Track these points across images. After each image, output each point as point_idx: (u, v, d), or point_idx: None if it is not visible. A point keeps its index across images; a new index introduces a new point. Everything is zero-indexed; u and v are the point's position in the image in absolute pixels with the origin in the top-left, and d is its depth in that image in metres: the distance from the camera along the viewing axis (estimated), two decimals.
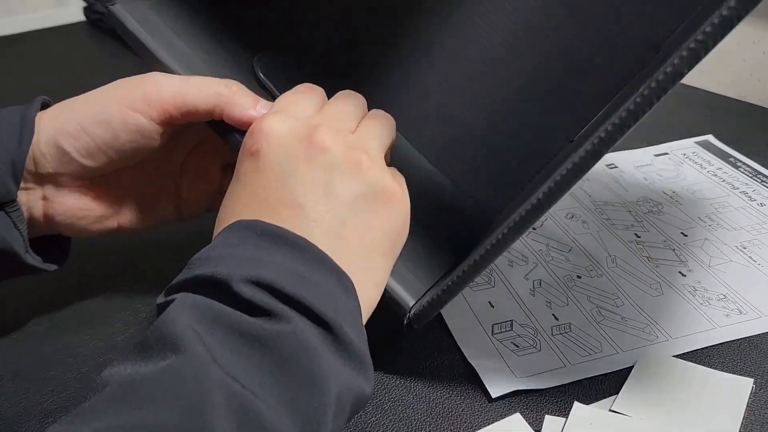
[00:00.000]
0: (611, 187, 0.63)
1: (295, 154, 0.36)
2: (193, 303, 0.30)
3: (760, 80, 0.82)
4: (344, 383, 0.32)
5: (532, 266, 0.53)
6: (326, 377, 0.30)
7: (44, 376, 0.43)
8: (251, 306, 0.31)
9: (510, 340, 0.46)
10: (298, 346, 0.30)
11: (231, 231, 0.35)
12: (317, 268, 0.33)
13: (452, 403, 0.41)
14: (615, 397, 0.41)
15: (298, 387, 0.30)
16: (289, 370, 0.30)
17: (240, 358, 0.29)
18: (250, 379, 0.28)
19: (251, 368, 0.29)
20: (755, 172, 0.64)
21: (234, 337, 0.29)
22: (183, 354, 0.28)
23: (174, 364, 0.28)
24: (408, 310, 0.40)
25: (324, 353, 0.31)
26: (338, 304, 0.33)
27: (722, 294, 0.49)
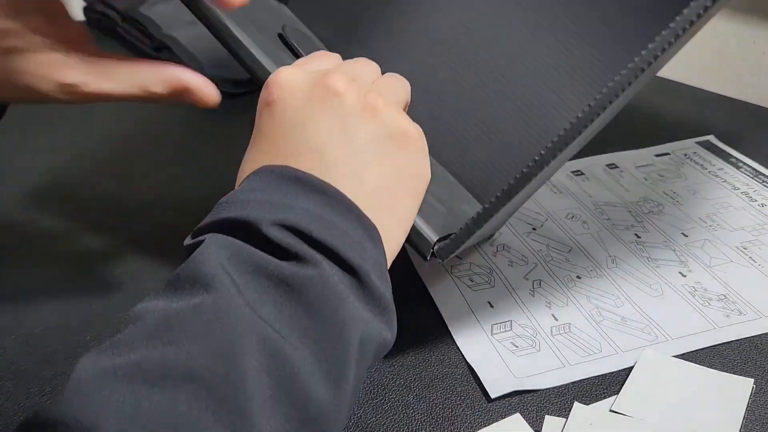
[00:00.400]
0: (612, 187, 0.63)
1: (310, 100, 0.36)
2: (224, 243, 0.31)
3: (760, 80, 0.82)
4: (367, 330, 0.32)
5: (531, 266, 0.53)
6: (351, 324, 0.31)
7: (45, 376, 0.43)
8: (280, 249, 0.31)
9: (509, 341, 0.46)
10: (325, 292, 0.30)
11: (256, 176, 0.35)
12: (343, 215, 0.33)
13: (452, 404, 0.41)
14: (615, 397, 0.41)
15: (324, 332, 0.30)
16: (316, 314, 0.30)
17: (269, 300, 0.29)
18: (279, 323, 0.29)
19: (280, 311, 0.29)
20: (756, 172, 0.64)
21: (263, 279, 0.30)
22: (215, 293, 0.28)
23: (206, 302, 0.28)
24: (432, 245, 0.40)
25: (350, 300, 0.31)
26: (365, 251, 0.33)
27: (722, 294, 0.49)
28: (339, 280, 0.31)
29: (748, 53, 0.82)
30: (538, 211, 0.59)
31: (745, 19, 0.81)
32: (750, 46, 0.82)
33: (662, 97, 0.80)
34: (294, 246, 0.31)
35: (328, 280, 0.31)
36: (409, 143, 0.38)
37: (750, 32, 0.81)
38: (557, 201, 0.61)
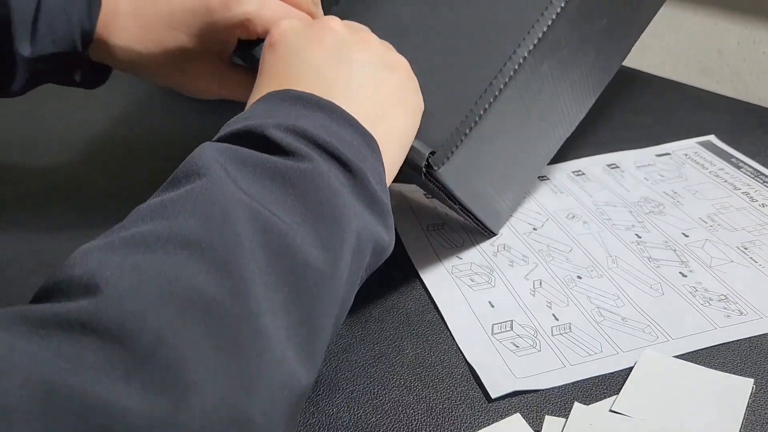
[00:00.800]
0: (612, 187, 0.63)
1: (308, 36, 0.40)
2: (220, 146, 0.33)
3: (761, 80, 0.82)
4: (364, 224, 0.34)
5: (532, 266, 0.53)
6: (345, 212, 0.33)
7: None
8: (279, 148, 0.33)
9: (510, 340, 0.46)
10: (320, 183, 0.32)
11: (260, 100, 0.37)
12: (343, 126, 0.36)
13: (452, 404, 0.41)
14: (615, 397, 0.41)
15: (318, 216, 0.32)
16: (310, 201, 0.32)
17: (263, 188, 0.31)
18: (273, 205, 0.31)
19: (274, 197, 0.31)
20: (757, 172, 0.64)
21: (258, 171, 0.32)
22: (207, 178, 0.30)
23: (197, 186, 0.30)
24: (426, 157, 0.42)
25: (345, 193, 0.33)
26: (363, 156, 0.35)
27: (723, 295, 0.49)
28: (334, 175, 0.33)
29: (749, 53, 0.82)
30: (539, 211, 0.59)
31: (746, 19, 0.81)
32: (751, 46, 0.82)
33: (663, 97, 0.80)
34: (293, 145, 0.33)
35: (324, 173, 0.33)
36: (400, 72, 0.41)
37: (751, 32, 0.81)
38: (558, 201, 0.61)
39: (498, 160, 0.47)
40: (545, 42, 0.40)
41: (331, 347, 0.46)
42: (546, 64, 0.42)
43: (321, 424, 0.40)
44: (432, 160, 0.42)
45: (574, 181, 0.64)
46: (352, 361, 0.45)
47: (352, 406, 0.41)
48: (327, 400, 0.42)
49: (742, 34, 0.82)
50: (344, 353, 0.45)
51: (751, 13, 0.80)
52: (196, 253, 0.27)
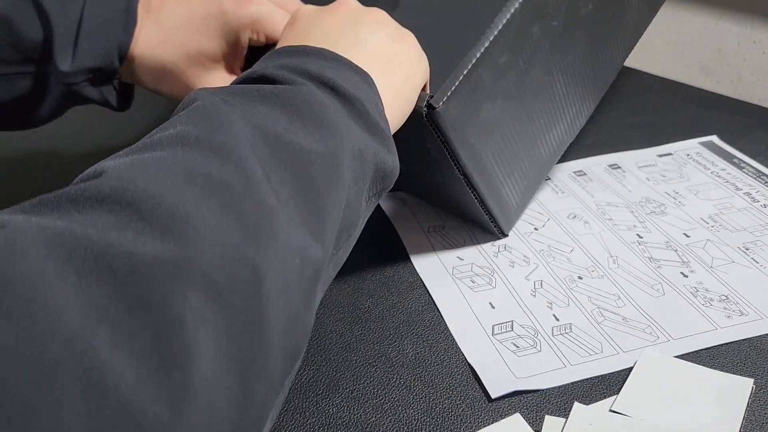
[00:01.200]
0: (614, 187, 0.63)
1: (323, 12, 0.43)
2: (216, 87, 0.35)
3: (761, 80, 0.82)
4: (363, 144, 0.36)
5: (533, 267, 0.53)
6: (342, 127, 0.35)
7: None
8: (275, 81, 0.35)
9: (510, 341, 0.46)
10: (314, 101, 0.34)
11: (265, 56, 0.40)
12: (343, 68, 0.38)
13: (452, 403, 0.41)
14: (615, 397, 0.41)
15: (317, 125, 0.34)
16: (307, 114, 0.34)
17: (260, 106, 0.33)
18: (269, 119, 0.32)
19: (270, 113, 0.33)
20: (759, 173, 0.64)
21: (254, 95, 0.34)
22: (203, 101, 0.32)
23: (193, 107, 0.32)
24: (426, 99, 0.44)
25: (342, 114, 0.35)
26: (359, 87, 0.37)
27: (724, 295, 0.49)
28: (326, 98, 0.35)
29: (750, 53, 0.82)
30: (540, 211, 0.59)
31: (746, 20, 0.81)
32: (751, 47, 0.82)
33: (664, 98, 0.80)
34: (286, 76, 0.35)
35: (318, 95, 0.35)
36: (406, 43, 0.43)
37: (751, 32, 0.81)
38: (559, 201, 0.61)
39: (499, 131, 0.49)
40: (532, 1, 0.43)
41: (331, 346, 0.46)
42: (537, 27, 0.44)
43: (321, 423, 0.40)
44: (432, 100, 0.44)
45: (576, 181, 0.64)
46: (353, 360, 0.45)
47: (353, 405, 0.41)
48: (327, 400, 0.42)
49: (743, 34, 0.82)
50: (345, 352, 0.45)
51: (751, 13, 0.80)
52: (194, 146, 0.29)
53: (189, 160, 0.28)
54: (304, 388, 0.43)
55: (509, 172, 0.52)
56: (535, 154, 0.53)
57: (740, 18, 0.81)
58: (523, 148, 0.52)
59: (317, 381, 0.43)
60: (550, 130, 0.52)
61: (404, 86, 0.42)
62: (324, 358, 0.45)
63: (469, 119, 0.46)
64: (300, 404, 0.41)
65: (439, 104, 0.43)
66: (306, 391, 0.42)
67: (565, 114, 0.51)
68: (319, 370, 0.44)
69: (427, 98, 0.44)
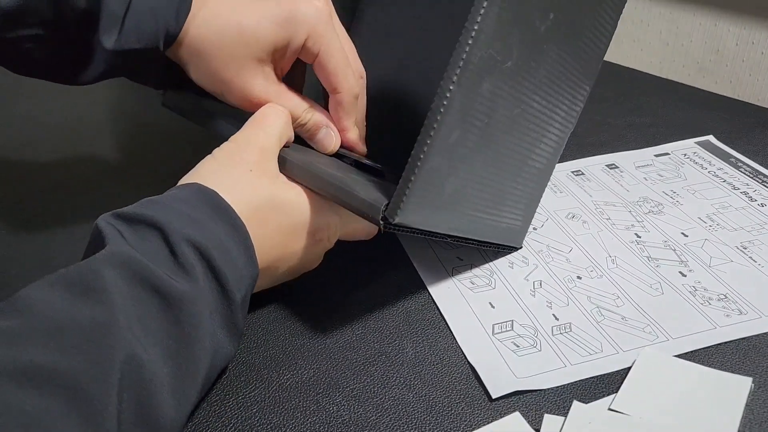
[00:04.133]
0: (612, 187, 0.63)
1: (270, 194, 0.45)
2: (124, 260, 0.35)
3: (759, 80, 0.82)
4: (219, 347, 0.39)
5: (532, 267, 0.53)
6: (210, 349, 0.38)
7: None
8: (178, 261, 0.37)
9: (510, 340, 0.46)
10: (195, 313, 0.37)
11: (186, 188, 0.42)
12: (242, 250, 0.41)
13: (452, 403, 0.41)
14: (614, 396, 0.41)
15: (185, 352, 0.36)
16: (182, 331, 0.36)
17: (145, 314, 0.35)
18: (148, 338, 0.34)
19: (152, 326, 0.35)
20: (756, 172, 0.64)
21: (148, 292, 0.35)
22: (102, 308, 0.33)
23: (94, 318, 0.32)
24: (382, 209, 0.41)
25: (214, 328, 0.38)
26: (245, 283, 0.41)
27: (723, 294, 0.49)
28: (212, 303, 0.38)
29: (747, 53, 0.82)
30: (539, 211, 0.59)
31: (744, 20, 0.81)
32: (749, 47, 0.82)
33: (662, 97, 0.80)
34: (189, 262, 0.37)
35: (202, 300, 0.37)
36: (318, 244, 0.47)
37: (749, 33, 0.81)
38: (557, 201, 0.61)
39: (472, 188, 0.46)
40: (471, 66, 0.38)
41: (331, 345, 0.46)
42: (486, 84, 0.40)
43: (321, 422, 0.40)
44: (387, 213, 0.40)
45: (574, 181, 0.64)
46: (353, 359, 0.45)
47: (353, 404, 0.41)
48: (327, 398, 0.42)
49: (740, 34, 0.82)
50: (345, 351, 0.45)
51: (749, 13, 0.80)
52: (74, 401, 0.30)
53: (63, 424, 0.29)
54: (305, 386, 0.43)
55: (501, 207, 0.50)
56: (527, 172, 0.51)
57: (738, 18, 0.81)
58: (509, 178, 0.49)
59: (317, 380, 0.43)
60: (539, 144, 0.49)
61: (283, 276, 0.47)
62: (324, 356, 0.45)
63: (433, 204, 0.43)
64: (300, 403, 0.42)
65: (394, 218, 0.40)
66: (306, 389, 0.42)
67: (554, 120, 0.49)
68: (319, 368, 0.44)
69: (382, 211, 0.40)
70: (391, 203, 0.40)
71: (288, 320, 0.48)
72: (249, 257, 0.41)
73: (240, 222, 0.41)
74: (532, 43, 0.43)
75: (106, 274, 0.34)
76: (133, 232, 0.38)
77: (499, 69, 0.41)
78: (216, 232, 0.39)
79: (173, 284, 0.36)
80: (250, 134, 0.46)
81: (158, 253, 0.37)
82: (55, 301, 0.32)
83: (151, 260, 0.36)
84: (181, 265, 0.37)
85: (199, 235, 0.38)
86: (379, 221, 0.40)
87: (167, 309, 0.35)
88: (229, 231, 0.40)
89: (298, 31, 0.47)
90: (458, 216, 0.46)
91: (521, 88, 0.44)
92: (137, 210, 0.39)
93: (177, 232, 0.38)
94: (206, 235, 0.39)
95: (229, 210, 0.41)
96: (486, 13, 0.37)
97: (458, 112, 0.39)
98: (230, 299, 0.39)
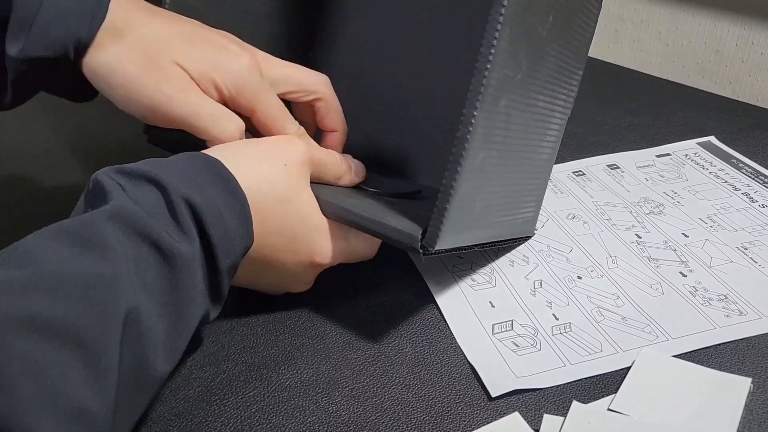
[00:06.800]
0: (613, 187, 0.63)
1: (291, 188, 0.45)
2: (127, 213, 0.35)
3: (759, 81, 0.82)
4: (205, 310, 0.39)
5: (533, 266, 0.53)
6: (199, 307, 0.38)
7: None
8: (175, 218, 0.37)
9: (510, 340, 0.46)
10: (191, 274, 0.37)
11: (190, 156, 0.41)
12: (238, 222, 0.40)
13: (451, 402, 0.41)
14: (613, 396, 0.41)
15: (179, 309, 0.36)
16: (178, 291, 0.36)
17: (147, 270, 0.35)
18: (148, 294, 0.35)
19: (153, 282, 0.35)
20: (756, 173, 0.64)
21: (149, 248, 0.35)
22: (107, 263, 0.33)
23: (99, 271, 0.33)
24: (419, 238, 0.41)
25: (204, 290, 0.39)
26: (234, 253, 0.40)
27: (723, 295, 0.49)
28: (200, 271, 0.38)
29: (747, 54, 0.82)
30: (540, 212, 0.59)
31: (744, 21, 0.81)
32: (749, 47, 0.82)
33: (663, 98, 0.80)
34: (187, 223, 0.37)
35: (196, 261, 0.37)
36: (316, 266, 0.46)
37: (749, 33, 0.81)
38: (558, 201, 0.61)
39: (498, 195, 0.47)
40: (490, 89, 0.39)
41: (330, 345, 0.46)
42: (503, 101, 0.41)
43: (321, 421, 0.40)
44: (425, 243, 0.41)
45: (575, 181, 0.64)
46: (352, 359, 0.45)
47: (352, 404, 0.41)
48: (327, 398, 0.42)
49: (740, 35, 0.82)
50: (344, 351, 0.45)
51: (749, 14, 0.80)
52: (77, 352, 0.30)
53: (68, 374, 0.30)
54: (304, 386, 0.43)
55: (519, 205, 0.51)
56: (537, 165, 0.52)
57: (738, 19, 0.81)
58: (524, 177, 0.50)
59: (317, 379, 0.43)
60: (545, 137, 0.50)
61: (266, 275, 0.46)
62: (324, 356, 0.45)
63: (465, 225, 0.44)
64: (300, 402, 0.42)
65: (434, 247, 0.41)
66: (306, 389, 0.42)
67: (556, 111, 0.50)
68: (318, 368, 0.44)
69: (420, 240, 0.41)
70: (428, 233, 0.41)
71: (288, 320, 0.48)
72: (245, 227, 0.40)
73: (241, 192, 0.40)
74: (536, 49, 0.43)
75: (109, 228, 0.34)
76: (133, 186, 0.37)
77: (512, 83, 0.41)
78: (213, 196, 0.39)
79: (173, 244, 0.36)
80: (294, 138, 0.47)
81: (158, 210, 0.37)
82: (60, 254, 0.32)
83: (151, 217, 0.36)
84: (180, 225, 0.37)
85: (196, 196, 0.38)
86: (419, 250, 0.41)
87: (166, 267, 0.36)
88: (227, 199, 0.39)
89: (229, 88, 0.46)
90: (486, 227, 0.47)
91: (529, 93, 0.45)
92: (139, 166, 0.39)
93: (176, 191, 0.37)
94: (203, 197, 0.38)
95: (231, 179, 0.40)
96: (500, 36, 0.38)
97: (482, 135, 0.40)
98: (216, 267, 0.39)
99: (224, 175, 0.40)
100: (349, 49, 0.61)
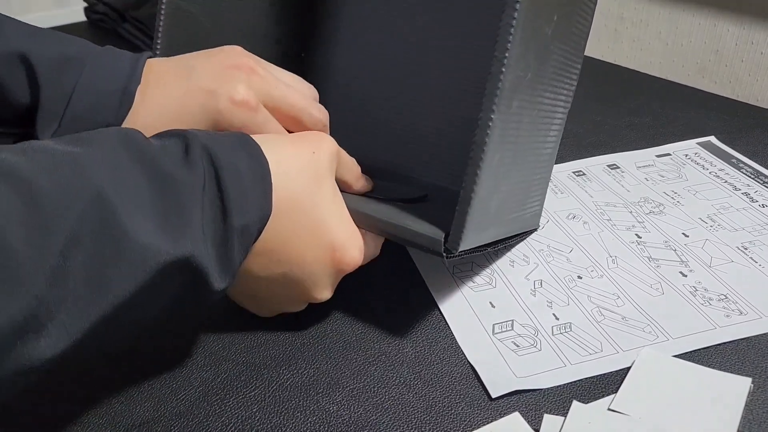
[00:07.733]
0: (613, 187, 0.63)
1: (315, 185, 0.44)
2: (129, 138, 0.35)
3: (758, 80, 0.83)
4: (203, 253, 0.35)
5: (533, 266, 0.53)
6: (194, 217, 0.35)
7: None
8: (187, 156, 0.36)
9: (510, 340, 0.46)
10: (188, 199, 0.35)
11: None
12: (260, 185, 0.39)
13: (452, 402, 0.41)
14: (613, 396, 0.41)
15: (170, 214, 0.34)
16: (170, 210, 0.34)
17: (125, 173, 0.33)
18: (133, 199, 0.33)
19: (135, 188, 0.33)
20: (756, 173, 0.64)
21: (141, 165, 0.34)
22: (90, 148, 0.33)
23: (79, 153, 0.32)
24: (443, 241, 0.42)
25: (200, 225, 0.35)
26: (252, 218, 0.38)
27: (723, 294, 0.49)
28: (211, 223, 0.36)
29: (747, 54, 0.82)
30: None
31: (744, 21, 0.81)
32: (748, 47, 0.82)
33: (663, 98, 0.80)
34: (193, 156, 0.36)
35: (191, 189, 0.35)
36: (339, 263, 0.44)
37: (748, 33, 0.81)
38: (558, 201, 0.61)
39: (511, 194, 0.48)
40: (504, 92, 0.40)
41: (331, 345, 0.46)
42: (515, 102, 0.42)
43: (321, 421, 0.40)
44: (449, 245, 0.42)
45: (575, 181, 0.64)
46: (353, 359, 0.45)
47: (353, 404, 0.41)
48: (327, 398, 0.42)
49: (740, 35, 0.82)
50: (345, 351, 0.45)
51: (749, 14, 0.80)
52: (28, 199, 0.29)
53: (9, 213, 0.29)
54: (305, 386, 0.43)
55: (527, 200, 0.52)
56: (542, 160, 0.52)
57: (738, 19, 0.81)
58: (532, 173, 0.51)
59: (317, 379, 0.43)
60: (550, 132, 0.51)
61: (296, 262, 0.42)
62: (324, 356, 0.45)
63: (482, 225, 0.44)
64: (300, 402, 0.42)
65: (457, 249, 0.41)
66: (306, 389, 0.43)
67: (559, 106, 0.50)
68: (319, 368, 0.44)
69: (443, 242, 0.42)
70: (451, 236, 0.41)
71: (288, 320, 0.48)
72: (263, 192, 0.39)
73: (264, 160, 0.39)
74: (543, 49, 0.44)
75: (105, 136, 0.34)
76: (158, 136, 0.38)
77: (522, 84, 0.42)
78: (233, 155, 0.38)
79: (170, 166, 0.35)
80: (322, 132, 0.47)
81: (172, 149, 0.36)
82: (50, 143, 0.33)
83: (161, 149, 0.36)
84: (187, 157, 0.36)
85: (216, 147, 0.37)
86: (443, 253, 0.41)
87: (157, 182, 0.34)
88: (249, 162, 0.39)
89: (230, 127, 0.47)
90: (500, 224, 0.48)
91: (536, 91, 0.45)
92: None
93: (196, 139, 0.37)
94: (223, 150, 0.38)
95: (255, 147, 0.40)
96: (513, 39, 0.38)
97: (498, 137, 0.41)
98: (226, 218, 0.36)
99: (250, 142, 0.40)
100: (343, 50, 0.61)
